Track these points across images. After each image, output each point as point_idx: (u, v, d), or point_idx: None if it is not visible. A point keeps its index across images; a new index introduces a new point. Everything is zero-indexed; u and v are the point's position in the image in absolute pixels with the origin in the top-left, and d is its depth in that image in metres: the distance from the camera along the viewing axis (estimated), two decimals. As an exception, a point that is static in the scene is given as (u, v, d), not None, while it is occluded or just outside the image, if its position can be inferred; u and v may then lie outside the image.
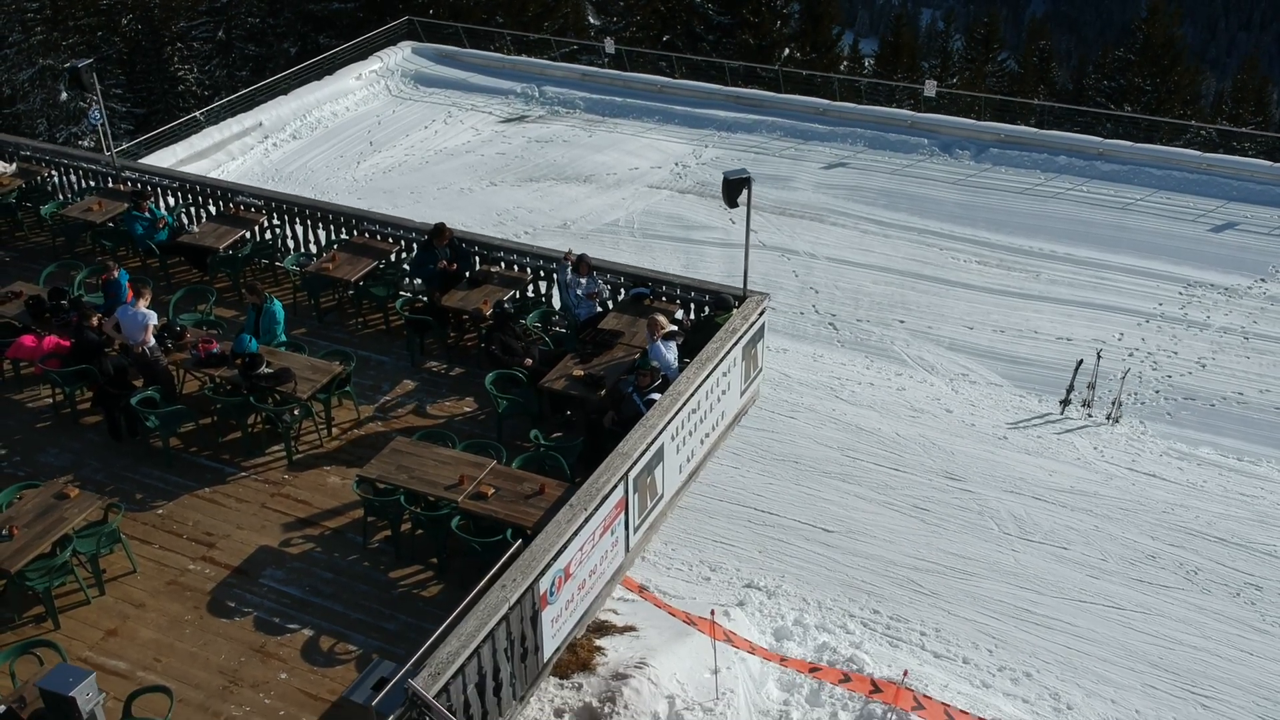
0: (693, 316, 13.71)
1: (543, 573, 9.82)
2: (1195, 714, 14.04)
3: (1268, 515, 17.60)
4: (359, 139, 31.22)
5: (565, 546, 10.09)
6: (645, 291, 13.88)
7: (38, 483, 11.43)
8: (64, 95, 47.64)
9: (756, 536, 17.14)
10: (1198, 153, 28.87)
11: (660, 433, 11.39)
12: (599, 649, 13.61)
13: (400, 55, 35.18)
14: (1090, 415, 20.37)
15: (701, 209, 27.47)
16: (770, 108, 31.76)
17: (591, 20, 44.43)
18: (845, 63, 47.88)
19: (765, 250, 25.78)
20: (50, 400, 13.51)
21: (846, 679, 12.33)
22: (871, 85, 33.85)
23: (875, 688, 11.95)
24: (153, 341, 12.82)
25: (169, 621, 10.65)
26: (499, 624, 9.36)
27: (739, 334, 12.77)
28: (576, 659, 13.25)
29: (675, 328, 12.89)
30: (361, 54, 34.67)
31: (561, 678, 13.05)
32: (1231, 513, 17.65)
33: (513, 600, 9.46)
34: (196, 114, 30.76)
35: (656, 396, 11.85)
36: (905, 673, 12.67)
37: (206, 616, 10.73)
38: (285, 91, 31.81)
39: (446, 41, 36.16)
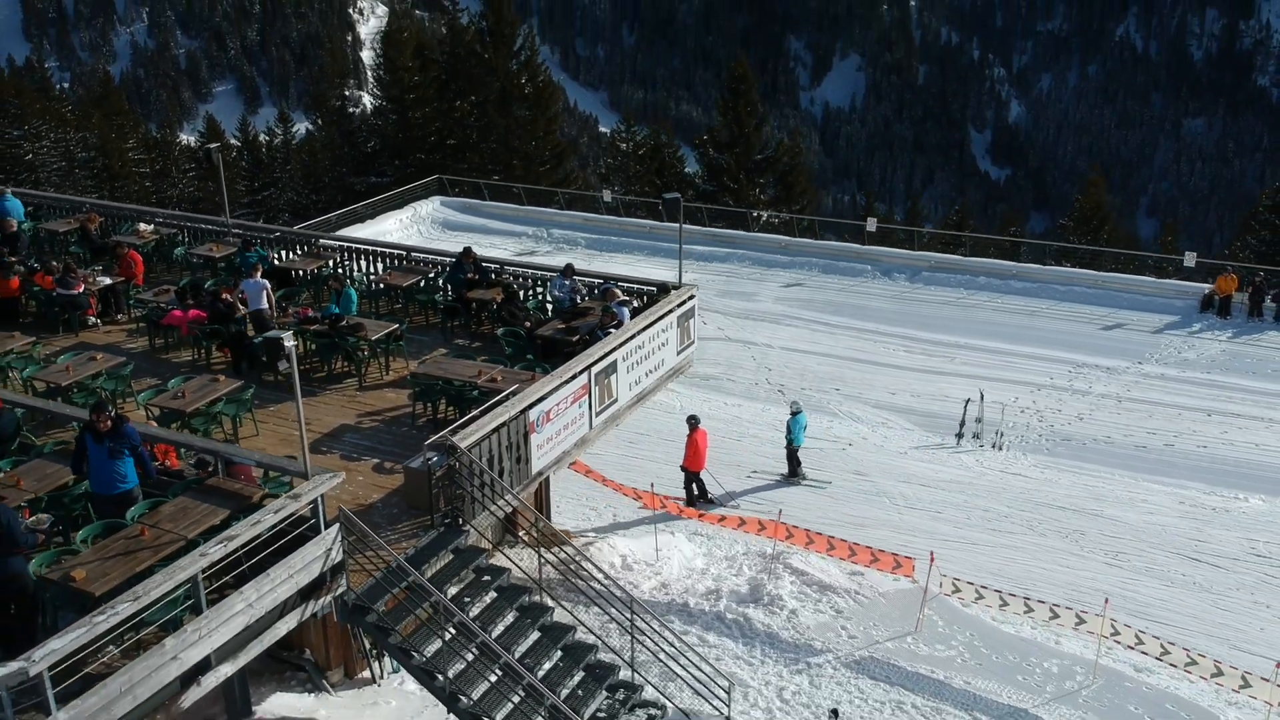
0: (645, 302, 20.04)
1: (531, 406, 15.81)
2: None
3: (1102, 495, 23.34)
4: (394, 266, 38.29)
5: (546, 396, 16.11)
6: (610, 286, 20.28)
7: (192, 376, 17.60)
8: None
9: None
10: (1095, 272, 35.60)
11: (614, 350, 17.56)
12: (571, 536, 19.29)
13: (430, 206, 42.86)
14: (981, 445, 26.25)
15: (678, 313, 34.04)
16: (740, 243, 38.93)
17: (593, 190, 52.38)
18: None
19: (729, 342, 32.28)
20: (190, 357, 19.73)
21: (742, 523, 18.02)
22: (825, 223, 41.04)
23: (761, 526, 17.64)
24: (265, 305, 19.19)
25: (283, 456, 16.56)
26: (502, 425, 15.29)
27: (673, 302, 19.12)
28: (555, 539, 18.89)
29: (628, 298, 19.24)
30: (398, 204, 42.33)
31: (545, 549, 18.66)
32: (1074, 494, 23.40)
33: (512, 414, 15.44)
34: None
35: (614, 332, 18.07)
36: (780, 511, 18.33)
37: (309, 454, 16.62)
38: (331, 230, 39.14)
39: (469, 196, 43.88)
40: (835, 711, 12.52)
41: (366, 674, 15.77)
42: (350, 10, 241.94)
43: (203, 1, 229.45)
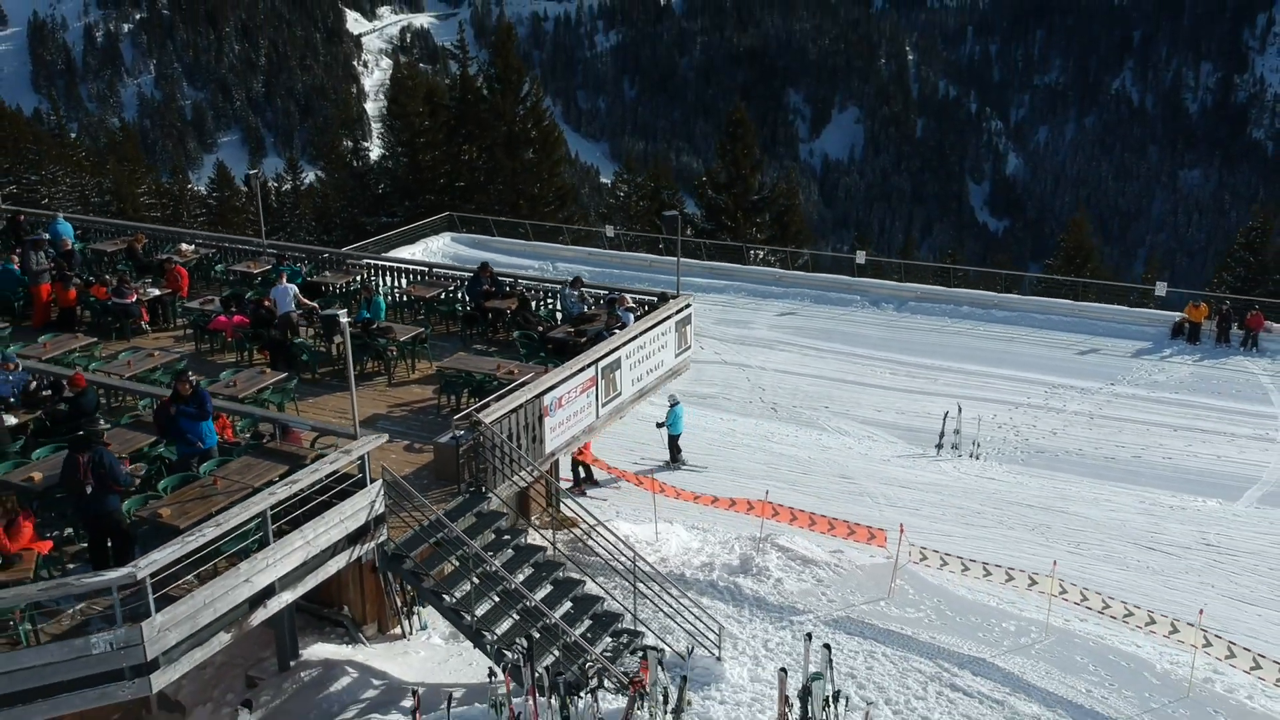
0: (645, 310, 22.32)
1: (544, 392, 18.02)
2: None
3: (1069, 495, 25.46)
4: (407, 296, 40.65)
5: (559, 384, 18.33)
6: (614, 296, 22.57)
7: (240, 370, 19.83)
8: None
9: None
10: (1072, 301, 37.95)
11: (618, 348, 19.80)
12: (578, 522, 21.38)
13: (441, 242, 45.34)
14: (959, 454, 28.38)
15: (677, 339, 36.33)
16: (736, 275, 41.32)
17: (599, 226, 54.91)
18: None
19: (726, 365, 34.55)
20: (234, 359, 21.95)
21: (733, 504, 20.14)
22: (819, 257, 43.47)
23: (750, 506, 19.77)
24: (293, 307, 21.46)
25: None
26: (520, 406, 17.49)
27: (671, 309, 21.40)
28: (566, 524, 21.01)
29: (633, 305, 21.52)
30: (409, 240, 44.78)
31: (557, 530, 20.79)
32: (1043, 494, 25.52)
33: (529, 397, 17.65)
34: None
35: (619, 332, 20.33)
36: (767, 493, 20.45)
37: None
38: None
39: (478, 232, 46.37)
40: (810, 635, 14.55)
41: (398, 630, 17.80)
42: (355, 63, 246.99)
43: (209, 54, 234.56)
